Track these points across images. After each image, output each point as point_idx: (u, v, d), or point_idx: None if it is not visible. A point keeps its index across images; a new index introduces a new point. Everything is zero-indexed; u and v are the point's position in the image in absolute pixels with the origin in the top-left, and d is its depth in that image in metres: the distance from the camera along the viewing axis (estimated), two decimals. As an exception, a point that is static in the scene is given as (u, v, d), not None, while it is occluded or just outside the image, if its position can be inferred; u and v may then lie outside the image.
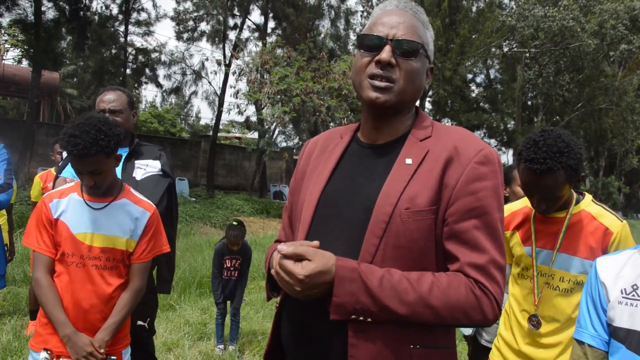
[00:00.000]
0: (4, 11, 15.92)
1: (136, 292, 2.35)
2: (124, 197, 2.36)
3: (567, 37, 22.82)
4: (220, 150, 22.90)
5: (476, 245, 1.29)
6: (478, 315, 1.27)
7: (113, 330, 2.25)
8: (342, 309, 1.24)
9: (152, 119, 32.72)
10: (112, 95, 2.97)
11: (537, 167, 1.99)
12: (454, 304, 1.25)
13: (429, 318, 1.25)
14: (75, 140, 2.12)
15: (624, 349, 1.48)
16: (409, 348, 1.29)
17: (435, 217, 1.30)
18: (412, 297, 1.24)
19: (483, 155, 1.34)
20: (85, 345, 2.16)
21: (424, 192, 1.30)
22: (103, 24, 20.26)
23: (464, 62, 23.14)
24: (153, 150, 3.05)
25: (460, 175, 1.31)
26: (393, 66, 1.37)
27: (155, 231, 2.43)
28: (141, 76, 22.96)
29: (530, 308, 2.20)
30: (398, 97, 1.38)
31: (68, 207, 2.28)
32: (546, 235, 2.19)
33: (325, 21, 23.86)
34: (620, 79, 26.44)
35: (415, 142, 1.40)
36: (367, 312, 1.24)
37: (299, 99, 15.00)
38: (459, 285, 1.26)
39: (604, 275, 1.60)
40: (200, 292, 7.07)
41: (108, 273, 2.28)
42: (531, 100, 30.10)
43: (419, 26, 1.43)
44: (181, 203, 15.04)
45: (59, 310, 2.19)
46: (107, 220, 2.29)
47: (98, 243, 2.26)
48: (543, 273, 2.18)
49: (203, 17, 22.33)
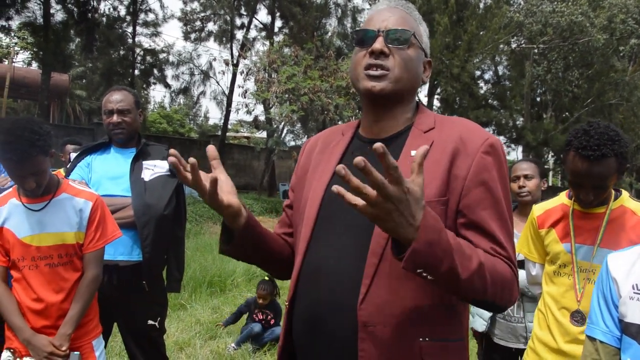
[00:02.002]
0: (14, 14, 16.06)
1: (92, 281, 2.35)
2: (63, 192, 2.36)
3: (575, 32, 22.63)
4: (229, 150, 22.95)
5: (494, 236, 1.30)
6: (510, 294, 1.29)
7: (74, 322, 2.28)
8: (418, 258, 1.09)
9: (161, 119, 32.86)
10: (119, 95, 2.99)
11: (591, 153, 1.97)
12: (500, 279, 1.25)
13: (479, 288, 1.20)
14: (12, 146, 2.08)
15: (636, 345, 1.47)
16: (418, 341, 1.28)
17: (445, 208, 1.30)
18: (475, 264, 1.18)
19: (489, 144, 1.35)
20: (44, 346, 2.20)
21: (432, 183, 1.30)
22: (111, 26, 20.36)
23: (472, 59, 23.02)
24: (160, 150, 3.07)
25: (469, 165, 1.32)
26: (387, 55, 1.39)
27: (101, 219, 2.41)
28: (149, 77, 23.04)
29: (571, 305, 2.18)
30: (394, 85, 1.39)
31: (10, 214, 2.29)
32: (586, 231, 2.18)
33: (332, 19, 23.83)
34: (630, 74, 26.18)
35: (419, 134, 1.40)
36: (435, 269, 1.12)
37: (307, 97, 14.98)
38: (502, 264, 1.28)
39: (615, 271, 1.60)
40: (211, 291, 7.09)
41: (63, 269, 2.31)
42: (540, 96, 29.88)
43: (409, 19, 1.46)
44: (191, 203, 15.08)
45: (15, 315, 2.24)
46: (51, 218, 2.29)
47: (46, 242, 2.28)
48: (583, 269, 2.16)
49: (210, 17, 22.37)
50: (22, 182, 2.20)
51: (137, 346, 2.94)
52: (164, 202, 2.88)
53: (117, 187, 2.87)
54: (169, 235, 2.98)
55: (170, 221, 2.94)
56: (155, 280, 2.97)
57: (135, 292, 2.82)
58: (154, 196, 2.87)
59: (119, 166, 2.95)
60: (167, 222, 2.90)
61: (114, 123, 2.95)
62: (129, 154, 3.00)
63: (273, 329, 5.17)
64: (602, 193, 2.10)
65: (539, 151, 24.97)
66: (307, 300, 1.38)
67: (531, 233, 2.43)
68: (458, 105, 24.59)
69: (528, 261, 2.50)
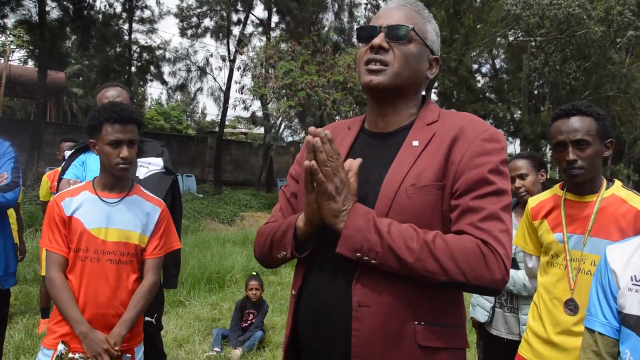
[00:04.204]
0: (9, 12, 15.97)
1: (151, 287, 2.37)
2: (135, 194, 2.41)
3: (573, 24, 22.60)
4: (227, 146, 22.91)
5: (481, 212, 1.31)
6: (484, 270, 1.26)
7: (129, 324, 2.28)
8: (350, 243, 1.28)
9: (158, 116, 32.76)
10: (115, 91, 2.96)
11: (567, 109, 2.13)
12: (459, 253, 1.25)
13: (434, 269, 1.25)
14: (117, 108, 2.27)
15: (634, 336, 1.46)
16: (412, 324, 1.30)
17: (441, 192, 1.33)
18: (417, 244, 1.25)
19: (489, 134, 1.38)
20: (101, 342, 2.18)
21: (430, 169, 1.34)
22: (107, 23, 20.27)
23: (469, 52, 22.98)
24: (155, 147, 3.05)
25: (466, 150, 1.35)
26: (387, 50, 1.43)
27: (167, 227, 2.48)
28: (146, 74, 22.97)
29: (562, 295, 2.17)
30: (392, 80, 1.43)
31: (82, 204, 2.32)
32: (577, 220, 2.18)
33: (328, 14, 23.77)
34: (627, 66, 26.17)
35: (422, 126, 1.44)
36: (372, 252, 1.27)
37: (304, 93, 14.96)
38: (464, 239, 1.28)
39: (614, 263, 1.60)
40: (210, 287, 7.10)
41: (123, 268, 2.32)
42: (538, 89, 29.87)
43: (416, 16, 1.50)
44: (189, 200, 15.09)
45: (73, 308, 2.22)
46: (121, 215, 2.33)
47: (112, 237, 2.30)
48: (575, 258, 2.16)
49: (206, 13, 22.31)
50: (116, 153, 2.26)
51: (135, 343, 2.93)
52: (159, 200, 2.86)
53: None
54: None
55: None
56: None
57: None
58: (150, 194, 2.85)
59: None
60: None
61: None
62: None
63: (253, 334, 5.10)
64: (587, 161, 2.10)
65: (536, 144, 24.97)
66: (311, 285, 1.43)
67: (526, 225, 2.44)
68: (456, 98, 24.55)
69: (525, 254, 2.50)
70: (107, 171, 2.34)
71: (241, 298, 5.56)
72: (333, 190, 1.29)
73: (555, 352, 2.15)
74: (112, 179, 2.35)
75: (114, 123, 2.25)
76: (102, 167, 2.36)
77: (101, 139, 2.28)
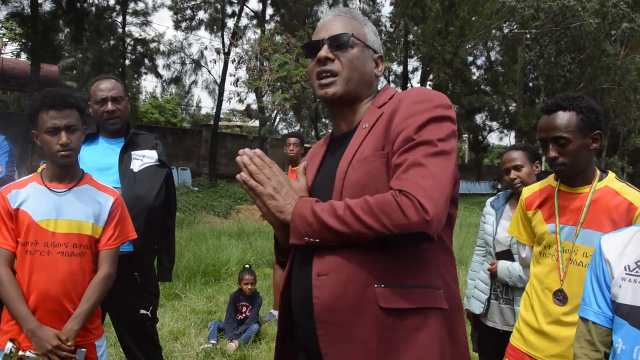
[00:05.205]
0: (1, 5, 15.85)
1: (104, 279, 2.28)
2: (86, 183, 2.34)
3: (568, 16, 22.63)
4: (222, 139, 22.87)
5: (403, 164, 1.35)
6: (400, 216, 1.27)
7: (83, 319, 2.18)
8: (296, 231, 1.38)
9: (153, 109, 32.68)
10: (109, 83, 2.94)
11: (549, 106, 2.12)
12: (377, 208, 1.29)
13: (359, 228, 1.30)
14: (51, 94, 2.19)
15: (627, 326, 1.47)
16: (372, 288, 1.34)
17: (385, 160, 1.40)
18: (342, 211, 1.32)
19: (422, 96, 1.44)
20: (50, 338, 2.09)
21: (370, 143, 1.45)
22: (100, 15, 20.16)
23: (464, 44, 22.98)
24: (149, 140, 3.03)
25: (400, 116, 1.42)
26: (333, 60, 1.54)
27: (122, 217, 2.39)
28: (140, 67, 22.89)
29: (553, 285, 2.18)
30: (344, 86, 1.54)
31: (29, 196, 2.23)
32: (569, 211, 2.18)
33: (323, 7, 23.68)
34: (622, 58, 26.24)
35: (374, 110, 1.55)
36: (314, 233, 1.36)
37: (299, 85, 14.94)
38: (385, 194, 1.32)
39: (608, 253, 1.61)
40: (205, 280, 7.09)
41: (75, 260, 2.22)
42: (532, 81, 29.92)
43: (352, 22, 1.62)
44: (184, 193, 15.08)
45: (20, 304, 2.12)
46: (71, 205, 2.25)
47: (62, 229, 2.21)
48: (566, 249, 2.16)
49: (201, 5, 22.20)
50: (54, 140, 2.18)
51: (130, 336, 2.93)
52: (154, 193, 2.85)
53: (107, 178, 2.82)
54: (159, 225, 2.97)
55: (161, 212, 2.93)
56: (146, 270, 2.95)
57: (127, 283, 2.79)
58: (144, 187, 2.83)
59: (107, 157, 2.90)
60: (157, 213, 2.88)
61: (109, 111, 2.89)
62: (117, 144, 2.96)
63: (250, 327, 5.10)
64: (570, 156, 2.09)
65: (531, 136, 25.04)
66: (293, 279, 1.55)
67: (520, 215, 2.44)
68: (451, 91, 24.57)
69: (519, 244, 2.51)
70: (52, 161, 2.26)
71: (234, 291, 5.56)
72: (271, 190, 1.43)
73: (546, 341, 2.16)
74: (59, 169, 2.26)
75: (49, 109, 2.16)
76: (47, 157, 2.26)
77: (39, 127, 2.20)
